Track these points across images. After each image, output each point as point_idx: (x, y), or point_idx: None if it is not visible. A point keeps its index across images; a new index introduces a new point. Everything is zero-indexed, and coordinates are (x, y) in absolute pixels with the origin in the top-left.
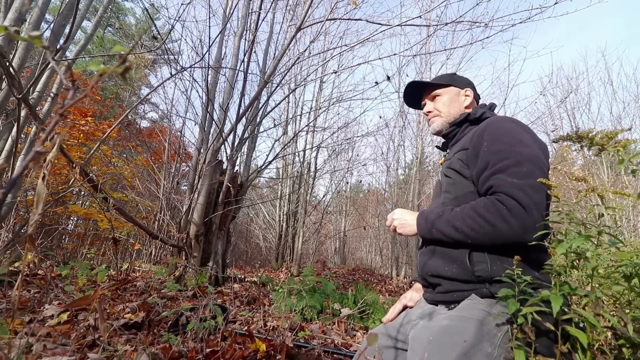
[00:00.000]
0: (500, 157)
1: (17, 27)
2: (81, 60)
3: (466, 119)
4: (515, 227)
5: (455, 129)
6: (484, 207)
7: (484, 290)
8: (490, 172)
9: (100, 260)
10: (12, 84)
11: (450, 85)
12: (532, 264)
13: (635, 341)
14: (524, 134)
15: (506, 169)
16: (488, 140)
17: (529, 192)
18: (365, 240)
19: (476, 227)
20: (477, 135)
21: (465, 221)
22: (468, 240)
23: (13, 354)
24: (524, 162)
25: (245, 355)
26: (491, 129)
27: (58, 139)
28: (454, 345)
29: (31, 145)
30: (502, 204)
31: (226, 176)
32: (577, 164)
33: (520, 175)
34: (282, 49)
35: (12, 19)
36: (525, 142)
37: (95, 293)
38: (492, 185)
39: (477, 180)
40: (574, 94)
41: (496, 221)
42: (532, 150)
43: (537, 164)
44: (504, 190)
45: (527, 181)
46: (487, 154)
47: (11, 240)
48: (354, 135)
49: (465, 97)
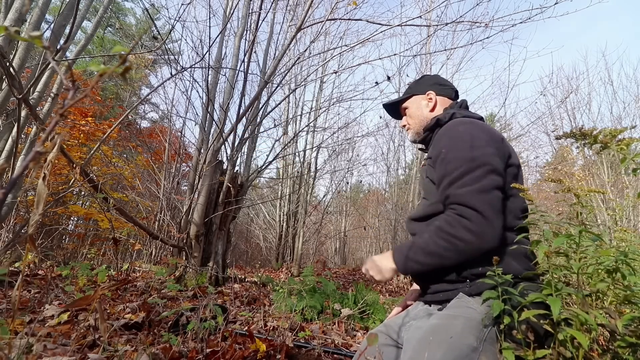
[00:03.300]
0: (454, 166)
1: (17, 28)
2: (81, 61)
3: (437, 123)
4: (479, 234)
5: (428, 134)
6: (447, 224)
7: (467, 288)
8: (447, 182)
9: (100, 260)
10: (13, 84)
11: (412, 95)
12: (513, 259)
13: (631, 341)
14: (478, 135)
15: (460, 177)
16: (445, 147)
17: (483, 197)
18: (366, 240)
19: (448, 245)
20: (435, 141)
21: (437, 243)
22: (446, 261)
23: (13, 354)
24: (475, 168)
25: (246, 356)
26: (447, 135)
27: (58, 139)
28: (440, 342)
29: (31, 146)
30: (460, 216)
31: (226, 176)
32: (577, 164)
33: (472, 180)
34: (283, 49)
35: (13, 19)
36: (477, 145)
37: (95, 293)
38: (448, 195)
39: (438, 188)
40: (575, 94)
41: (462, 233)
42: (484, 152)
43: (490, 165)
44: (459, 200)
45: (480, 184)
46: (443, 162)
47: (11, 240)
48: (354, 135)
49: (428, 102)
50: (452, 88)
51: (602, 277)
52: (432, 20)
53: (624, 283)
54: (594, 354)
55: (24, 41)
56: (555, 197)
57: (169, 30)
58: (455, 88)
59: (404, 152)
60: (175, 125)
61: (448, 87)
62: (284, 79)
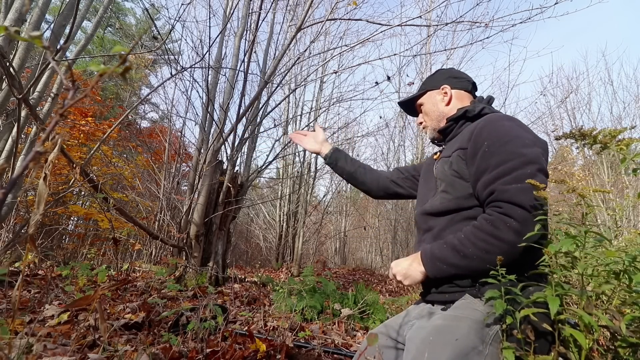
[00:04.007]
0: (501, 160)
1: (17, 28)
2: (81, 61)
3: (464, 115)
4: (525, 235)
5: (451, 125)
6: (490, 224)
7: (474, 291)
8: (492, 175)
9: (100, 260)
10: (13, 84)
11: (426, 90)
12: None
13: (632, 341)
14: (524, 133)
15: (508, 173)
16: (488, 140)
17: (532, 195)
18: (366, 240)
19: (489, 247)
20: (475, 134)
21: (477, 245)
22: (485, 265)
23: (13, 354)
24: (525, 164)
25: (246, 356)
26: (490, 128)
27: (58, 139)
28: (445, 344)
29: (31, 146)
30: (507, 216)
31: (226, 176)
32: (577, 164)
33: (522, 177)
34: (283, 49)
35: (13, 19)
36: (527, 143)
37: (95, 293)
38: (494, 190)
39: (476, 182)
40: (574, 94)
41: (508, 236)
42: (534, 151)
43: (539, 165)
44: (506, 198)
45: (529, 184)
46: (487, 155)
47: (12, 240)
48: (354, 135)
49: (443, 96)
50: (468, 80)
51: (607, 279)
52: (432, 20)
53: (632, 286)
54: (595, 354)
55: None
56: (555, 197)
57: (169, 30)
58: (472, 80)
59: (404, 152)
60: (175, 125)
61: (464, 79)
62: (284, 79)
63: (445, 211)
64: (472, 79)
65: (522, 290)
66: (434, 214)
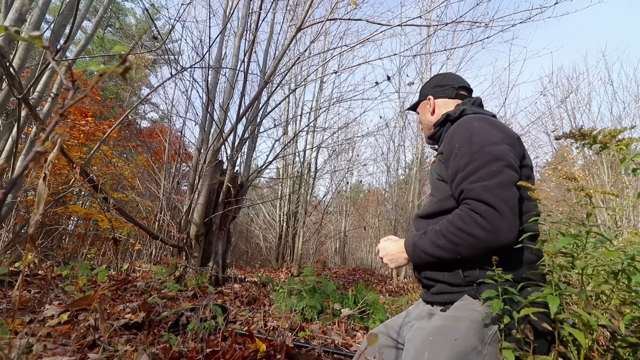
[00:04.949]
0: (468, 160)
1: (17, 27)
2: (81, 61)
3: (447, 119)
4: (492, 231)
5: (438, 130)
6: (460, 219)
7: (472, 292)
8: (461, 176)
9: (100, 260)
10: (13, 84)
11: (419, 101)
12: (516, 263)
13: (631, 341)
14: (493, 132)
15: (474, 172)
16: (458, 142)
17: (498, 192)
18: (366, 240)
19: (458, 240)
20: (448, 137)
21: (447, 237)
22: (457, 255)
23: (13, 354)
24: (492, 162)
25: (246, 356)
26: (460, 130)
27: (58, 139)
28: (444, 344)
29: (31, 146)
30: (474, 212)
31: (226, 176)
32: (577, 164)
33: (487, 175)
34: (283, 49)
35: (13, 19)
36: (495, 141)
37: (95, 293)
38: (462, 189)
39: (451, 183)
40: (574, 94)
41: (474, 230)
42: (500, 149)
43: (506, 161)
44: (473, 196)
45: (496, 180)
46: (457, 157)
47: (12, 240)
48: (354, 135)
49: (429, 107)
50: (452, 87)
51: (606, 278)
52: (432, 20)
53: (631, 286)
54: (595, 354)
55: (24, 41)
56: (555, 197)
57: (169, 30)
58: (460, 85)
59: (404, 152)
60: (175, 125)
61: (448, 86)
62: (284, 79)
63: (432, 213)
64: (458, 84)
65: (520, 291)
66: (423, 217)
